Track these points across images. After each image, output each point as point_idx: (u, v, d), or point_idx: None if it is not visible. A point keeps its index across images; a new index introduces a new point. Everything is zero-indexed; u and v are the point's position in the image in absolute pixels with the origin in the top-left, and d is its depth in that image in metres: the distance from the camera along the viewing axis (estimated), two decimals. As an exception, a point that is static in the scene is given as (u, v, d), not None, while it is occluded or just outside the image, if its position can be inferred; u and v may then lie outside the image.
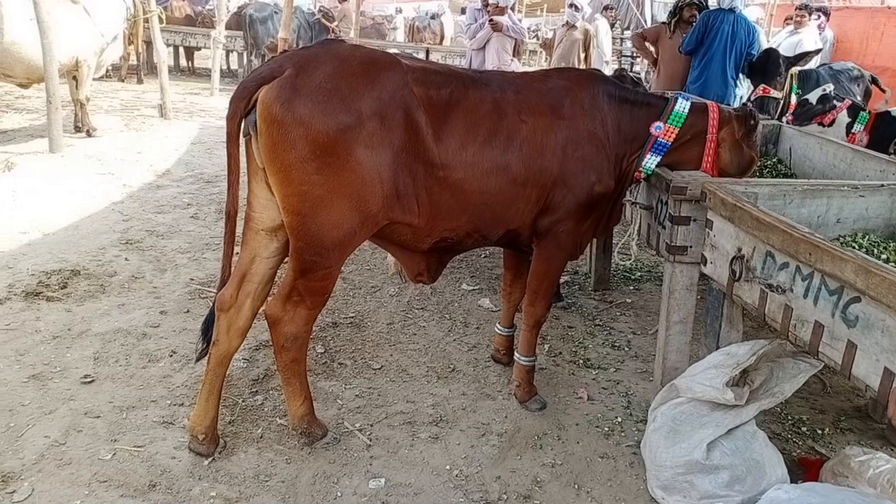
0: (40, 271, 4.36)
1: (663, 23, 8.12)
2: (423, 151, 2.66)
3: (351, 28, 14.13)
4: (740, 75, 6.66)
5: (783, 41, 9.02)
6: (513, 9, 8.42)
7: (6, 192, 5.83)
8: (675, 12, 7.57)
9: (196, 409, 2.81)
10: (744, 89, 6.85)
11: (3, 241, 4.81)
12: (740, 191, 2.76)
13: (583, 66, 9.18)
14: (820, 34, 9.04)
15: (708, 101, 3.34)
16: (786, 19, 9.97)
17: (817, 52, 5.29)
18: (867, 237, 2.82)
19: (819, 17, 9.20)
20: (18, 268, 4.41)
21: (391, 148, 2.56)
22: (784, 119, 4.48)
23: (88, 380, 3.26)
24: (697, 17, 6.98)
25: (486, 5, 8.11)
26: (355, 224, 2.59)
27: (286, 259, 2.72)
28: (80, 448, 2.80)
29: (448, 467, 2.86)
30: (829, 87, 4.62)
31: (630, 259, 3.49)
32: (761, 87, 5.80)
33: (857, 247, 2.70)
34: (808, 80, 5.61)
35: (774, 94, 5.64)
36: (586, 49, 9.10)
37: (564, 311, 4.46)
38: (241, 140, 2.59)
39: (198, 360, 2.86)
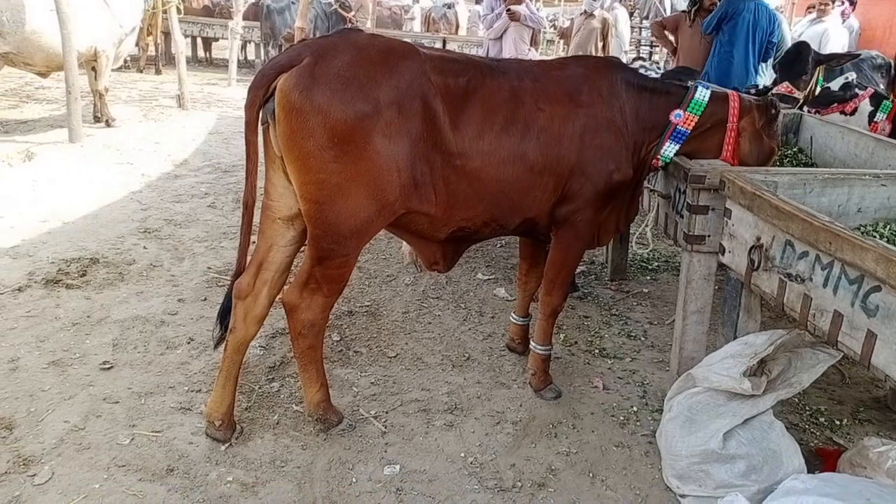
0: (60, 259, 4.41)
1: (683, 11, 8.04)
2: (440, 140, 2.65)
3: (367, 18, 14.11)
4: (761, 65, 6.58)
5: (806, 30, 8.89)
6: None
7: (27, 182, 5.90)
8: (696, 1, 7.49)
9: (213, 396, 2.83)
10: (766, 78, 6.76)
11: (23, 229, 4.87)
12: (760, 179, 2.73)
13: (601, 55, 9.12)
14: (843, 22, 8.88)
15: (729, 90, 3.31)
16: (808, 7, 9.81)
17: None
18: (889, 226, 2.78)
19: (843, 3, 9.03)
20: (39, 256, 4.46)
21: (408, 137, 2.56)
22: (805, 109, 4.42)
23: (107, 366, 3.30)
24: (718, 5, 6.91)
25: None
26: (372, 212, 2.59)
27: (303, 248, 2.73)
28: (99, 433, 2.84)
29: (463, 455, 2.87)
30: (852, 76, 4.54)
31: (647, 248, 3.47)
32: (784, 84, 5.58)
33: (878, 236, 2.66)
34: (832, 70, 5.51)
35: (797, 94, 5.38)
36: (604, 38, 9.03)
37: (580, 300, 4.45)
38: (260, 128, 2.59)
39: (216, 347, 2.88)
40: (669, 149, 3.07)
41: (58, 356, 3.35)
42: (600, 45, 8.95)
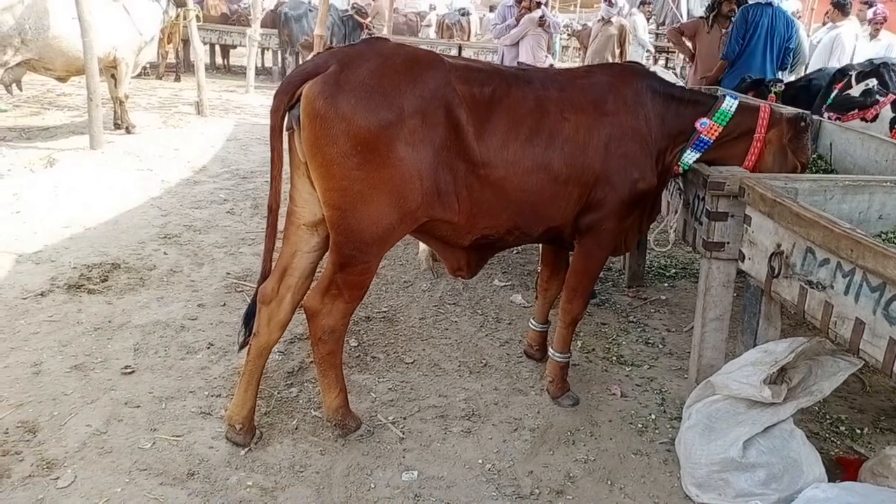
0: (82, 264, 4.47)
1: (701, 17, 8.03)
2: (464, 149, 2.67)
3: (384, 25, 14.18)
4: (780, 72, 6.55)
5: (822, 36, 8.81)
6: (547, 4, 8.40)
7: (48, 188, 5.97)
8: (714, 6, 7.47)
9: (234, 400, 2.86)
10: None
11: (45, 235, 4.94)
12: (780, 186, 2.72)
13: (619, 61, 9.13)
14: (871, 32, 8.76)
15: (761, 102, 3.29)
16: (826, 13, 9.66)
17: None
18: (910, 234, 2.77)
19: (874, 9, 8.91)
20: (61, 261, 4.52)
21: (432, 145, 2.58)
22: (826, 116, 4.39)
23: (129, 370, 3.34)
24: (737, 11, 6.88)
25: (519, 1, 8.10)
26: (394, 220, 2.61)
27: (326, 254, 2.75)
28: (121, 437, 2.87)
29: (480, 461, 2.87)
30: (873, 82, 4.51)
31: (667, 247, 3.45)
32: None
33: (899, 243, 2.65)
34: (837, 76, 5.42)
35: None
36: (621, 44, 9.04)
37: (598, 307, 4.44)
38: (285, 134, 2.62)
39: (239, 350, 2.91)
40: (689, 156, 3.07)
41: (80, 360, 3.39)
42: (617, 51, 8.96)
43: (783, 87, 5.40)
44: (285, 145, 2.63)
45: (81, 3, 6.96)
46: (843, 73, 4.63)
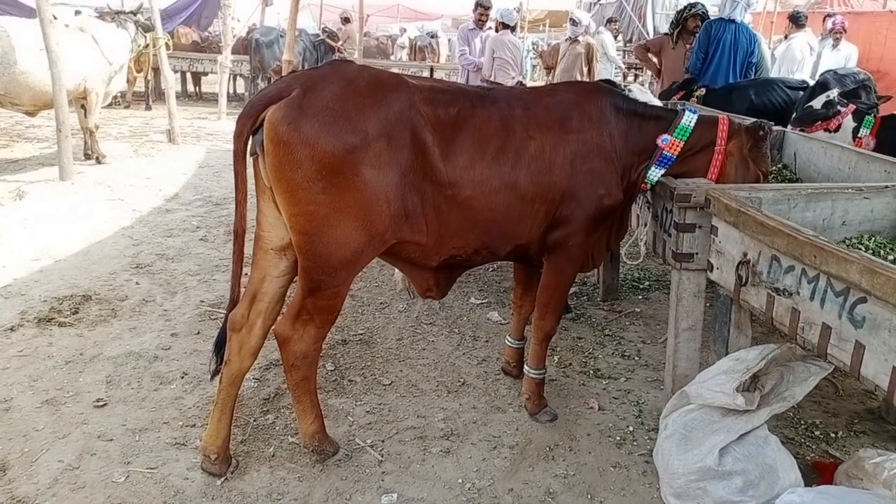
0: (52, 297, 4.41)
1: (666, 34, 8.17)
2: (430, 171, 2.67)
3: (355, 49, 14.27)
4: None
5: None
6: (513, 29, 8.52)
7: (18, 220, 5.90)
8: (678, 23, 7.62)
9: (208, 430, 2.82)
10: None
11: (15, 268, 4.87)
12: (744, 196, 2.76)
13: (587, 80, 9.25)
14: (833, 45, 8.98)
15: (720, 114, 3.35)
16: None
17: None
18: (873, 239, 2.82)
19: (833, 24, 9.16)
20: (31, 294, 4.45)
21: (398, 168, 2.58)
22: (790, 128, 4.48)
23: (101, 403, 3.29)
24: (701, 27, 7.02)
25: (480, 26, 8.26)
26: (362, 243, 2.60)
27: (297, 278, 2.74)
28: (94, 471, 2.82)
29: (460, 481, 2.86)
30: (834, 93, 4.61)
31: (639, 259, 3.48)
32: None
33: (863, 248, 2.69)
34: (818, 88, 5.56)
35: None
36: (589, 62, 9.17)
37: (573, 322, 4.46)
38: (249, 159, 2.61)
39: (212, 378, 2.87)
40: (655, 173, 3.11)
41: (51, 395, 3.33)
42: (585, 69, 9.09)
43: (704, 91, 5.77)
44: (250, 170, 2.61)
45: (49, 34, 6.94)
46: (823, 86, 4.71)
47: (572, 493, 2.81)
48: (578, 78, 8.88)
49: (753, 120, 3.32)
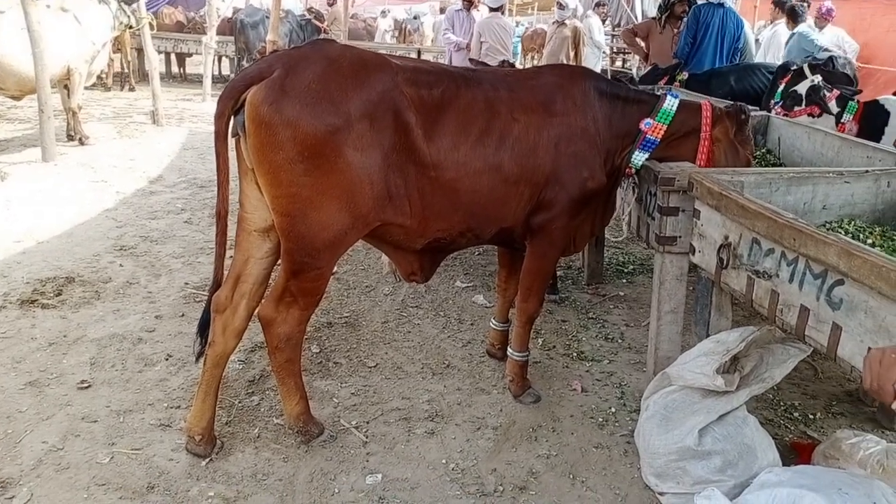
0: (35, 279, 4.38)
1: (653, 18, 8.16)
2: (413, 152, 2.66)
3: (341, 31, 14.16)
4: None
5: (759, 34, 9.00)
6: (501, 10, 8.49)
7: (0, 202, 5.84)
8: (666, 7, 7.61)
9: (193, 411, 2.82)
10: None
11: (-3, 250, 4.83)
12: (726, 180, 2.78)
13: (573, 63, 9.25)
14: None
15: (701, 100, 3.36)
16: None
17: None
18: (853, 223, 2.85)
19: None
20: (13, 276, 4.42)
21: (381, 149, 2.57)
22: (773, 111, 4.50)
23: (85, 385, 3.28)
24: (688, 11, 7.02)
25: (468, 8, 8.22)
26: (345, 225, 2.60)
27: (280, 260, 2.74)
28: (78, 452, 2.82)
29: (444, 461, 2.89)
30: (818, 79, 4.63)
31: (622, 236, 3.48)
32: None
33: (843, 232, 2.72)
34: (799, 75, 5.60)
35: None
36: (576, 46, 9.16)
37: (558, 304, 4.49)
38: (231, 140, 2.60)
39: (196, 360, 2.87)
40: (639, 157, 3.12)
41: (34, 377, 3.32)
42: (572, 53, 9.08)
43: (687, 76, 5.84)
44: (232, 151, 2.60)
45: (30, 14, 6.84)
46: (785, 68, 4.76)
47: (554, 473, 2.85)
48: (564, 62, 8.88)
49: (730, 103, 3.34)
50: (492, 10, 8.28)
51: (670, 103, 3.12)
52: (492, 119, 2.81)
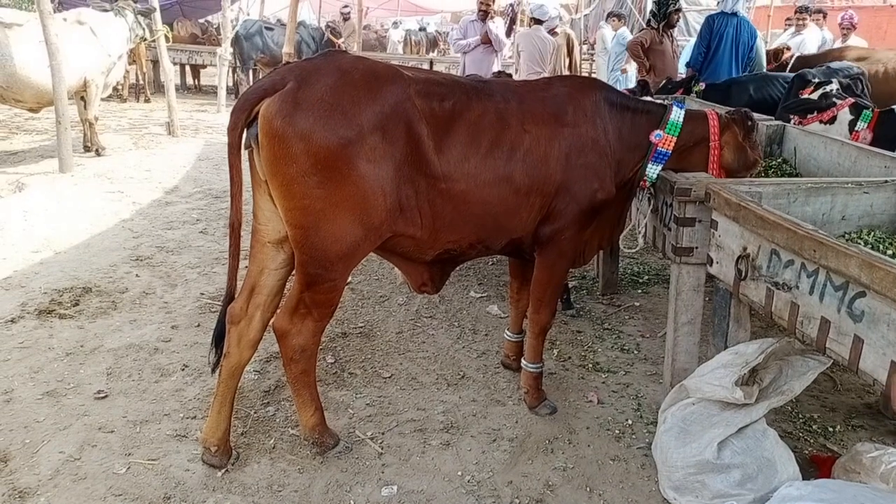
0: (52, 289, 4.41)
1: (651, 27, 8.07)
2: (425, 164, 2.66)
3: (356, 43, 14.25)
4: None
5: (788, 41, 9.06)
6: (543, 24, 8.46)
7: (18, 213, 5.89)
8: (663, 17, 7.58)
9: (208, 422, 2.83)
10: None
11: (15, 260, 4.87)
12: (744, 190, 2.77)
13: (566, 72, 9.25)
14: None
15: (706, 109, 3.35)
16: (786, 20, 10.02)
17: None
18: (872, 233, 2.83)
19: (818, 19, 9.29)
20: (31, 286, 4.46)
21: (393, 161, 2.57)
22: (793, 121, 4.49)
23: (102, 395, 3.30)
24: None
25: (483, 19, 8.20)
26: (358, 237, 2.60)
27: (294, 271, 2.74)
28: (95, 462, 2.83)
29: (460, 473, 2.87)
30: (832, 86, 4.61)
31: (636, 247, 3.47)
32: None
33: (862, 243, 2.71)
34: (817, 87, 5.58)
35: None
36: (570, 53, 9.16)
37: (573, 317, 4.46)
38: (244, 152, 2.61)
39: (212, 371, 2.88)
40: (653, 169, 3.11)
41: (52, 387, 3.34)
42: (566, 61, 9.07)
43: (703, 87, 5.79)
44: (245, 163, 2.61)
45: (47, 27, 6.93)
46: (802, 78, 4.74)
47: (571, 486, 2.83)
48: (559, 70, 8.86)
49: (731, 109, 3.33)
50: (536, 22, 8.26)
51: (677, 115, 3.12)
52: (503, 130, 2.81)
